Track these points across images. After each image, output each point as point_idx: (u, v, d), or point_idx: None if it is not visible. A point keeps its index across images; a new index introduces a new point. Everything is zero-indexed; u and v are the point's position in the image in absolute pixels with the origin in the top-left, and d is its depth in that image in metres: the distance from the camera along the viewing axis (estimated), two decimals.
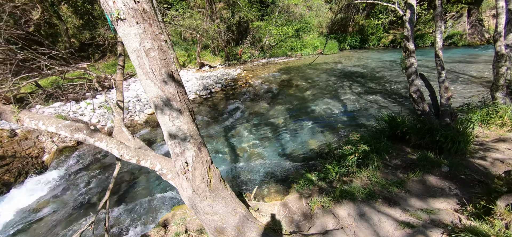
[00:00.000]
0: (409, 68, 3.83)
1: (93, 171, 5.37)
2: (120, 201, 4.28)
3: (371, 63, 13.72)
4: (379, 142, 3.92)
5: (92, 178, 5.07)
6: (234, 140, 6.31)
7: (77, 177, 5.19)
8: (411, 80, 3.82)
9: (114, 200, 4.28)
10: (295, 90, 9.80)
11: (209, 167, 1.95)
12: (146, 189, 4.61)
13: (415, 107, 3.86)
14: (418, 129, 3.76)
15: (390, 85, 9.24)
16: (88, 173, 5.31)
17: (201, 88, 10.60)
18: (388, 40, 20.72)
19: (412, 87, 3.81)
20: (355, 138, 3.84)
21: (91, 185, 4.84)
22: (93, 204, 4.30)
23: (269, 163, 5.06)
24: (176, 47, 19.25)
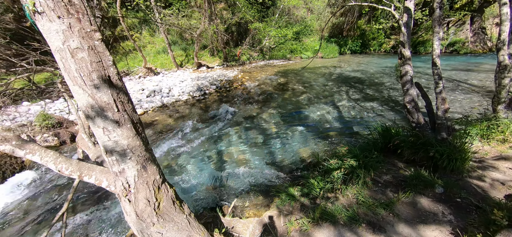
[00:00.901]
0: (404, 76, 3.55)
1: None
2: (85, 210, 3.99)
3: (371, 69, 13.44)
4: (368, 155, 3.64)
5: (68, 182, 4.80)
6: (222, 144, 6.04)
7: (52, 180, 4.92)
8: (406, 89, 3.53)
9: (79, 209, 4.00)
10: (291, 94, 9.53)
11: (158, 187, 1.67)
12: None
13: (409, 118, 3.57)
14: (411, 142, 3.47)
15: (388, 92, 8.94)
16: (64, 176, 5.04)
17: (195, 89, 10.35)
18: (389, 45, 20.46)
19: (406, 97, 3.53)
20: (343, 150, 3.55)
21: (63, 191, 4.57)
22: None
23: (255, 172, 4.77)
24: (175, 46, 19.05)
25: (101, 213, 3.92)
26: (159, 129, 7.04)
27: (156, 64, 16.07)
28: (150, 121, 7.65)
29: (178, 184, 4.57)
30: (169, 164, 5.33)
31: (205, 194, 4.21)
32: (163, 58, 16.92)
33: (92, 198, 4.30)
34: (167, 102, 9.15)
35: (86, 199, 4.28)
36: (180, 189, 4.43)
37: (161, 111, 8.46)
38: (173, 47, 18.87)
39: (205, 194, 4.21)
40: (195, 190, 4.38)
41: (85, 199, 4.27)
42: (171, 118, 7.82)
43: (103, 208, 4.03)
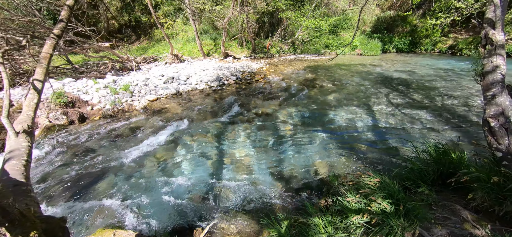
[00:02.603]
0: (489, 74, 2.22)
1: (71, 156, 4.80)
2: (56, 198, 3.51)
3: (420, 70, 11.27)
4: (412, 192, 2.42)
5: (65, 164, 4.47)
6: (226, 143, 5.22)
7: (50, 160, 4.65)
8: (491, 95, 2.20)
9: (50, 195, 3.54)
10: (317, 92, 8.25)
11: None
12: (97, 188, 3.79)
13: (491, 143, 2.25)
14: (492, 183, 2.16)
15: (442, 100, 7.10)
16: (64, 157, 4.75)
17: (214, 78, 9.71)
18: (446, 45, 17.34)
19: (490, 107, 2.20)
20: (371, 183, 2.38)
21: (59, 173, 4.22)
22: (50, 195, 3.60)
23: (253, 184, 3.84)
24: (205, 35, 18.83)
25: (72, 205, 3.41)
26: (165, 117, 6.51)
27: (184, 52, 15.96)
28: (160, 108, 7.20)
29: (163, 186, 3.87)
30: (163, 157, 4.69)
31: (186, 204, 3.42)
32: (191, 47, 16.77)
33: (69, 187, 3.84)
34: (182, 90, 8.67)
35: None
36: (163, 192, 3.72)
37: (174, 99, 7.98)
38: (203, 36, 18.67)
39: (185, 205, 3.42)
40: (178, 196, 3.63)
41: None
42: (182, 107, 7.26)
43: (77, 200, 3.51)
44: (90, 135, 5.67)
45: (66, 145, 5.25)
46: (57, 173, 4.26)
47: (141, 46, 18.40)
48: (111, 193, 3.76)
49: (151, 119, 6.51)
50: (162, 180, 4.02)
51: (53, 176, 4.17)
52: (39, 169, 4.36)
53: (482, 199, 2.10)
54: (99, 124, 6.26)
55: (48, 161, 4.63)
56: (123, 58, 12.19)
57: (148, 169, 4.39)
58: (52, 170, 4.36)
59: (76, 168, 4.38)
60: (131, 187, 3.88)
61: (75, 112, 6.48)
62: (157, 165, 4.52)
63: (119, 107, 7.18)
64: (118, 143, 5.31)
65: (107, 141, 5.42)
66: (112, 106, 7.09)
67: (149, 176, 4.17)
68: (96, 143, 5.32)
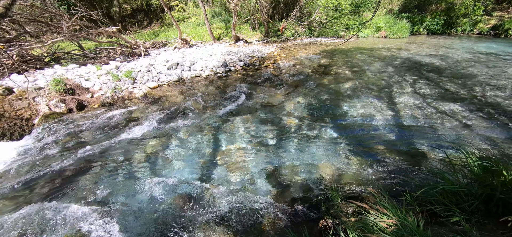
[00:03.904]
0: None
1: (60, 147, 4.58)
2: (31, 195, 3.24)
3: (455, 55, 9.78)
4: (442, 225, 1.75)
5: (51, 157, 4.26)
6: (224, 137, 4.71)
7: (38, 151, 4.46)
8: None
9: (28, 190, 3.27)
10: (331, 80, 7.37)
11: None
12: (77, 186, 3.49)
13: None
14: None
15: (483, 91, 5.95)
16: (53, 148, 4.54)
17: (220, 64, 9.13)
18: (488, 25, 15.11)
19: None
20: (384, 223, 1.69)
21: (43, 166, 4.00)
22: (36, 190, 3.38)
23: (245, 190, 3.31)
24: (217, 18, 18.10)
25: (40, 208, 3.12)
26: (164, 106, 6.12)
27: (194, 36, 15.44)
28: (160, 96, 6.82)
29: (147, 186, 3.47)
30: (154, 152, 4.31)
31: (167, 210, 2.99)
32: (202, 30, 16.17)
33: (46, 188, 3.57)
34: (186, 77, 8.22)
35: None
36: (146, 194, 3.33)
37: (176, 86, 7.56)
38: (215, 19, 17.95)
39: (166, 211, 2.99)
40: (160, 200, 3.21)
41: None
42: (183, 95, 6.82)
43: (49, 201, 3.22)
44: (84, 125, 5.44)
45: (58, 135, 5.04)
46: (41, 166, 4.04)
47: (153, 31, 18.15)
48: (90, 192, 3.45)
49: (149, 108, 6.16)
50: (147, 178, 3.63)
51: (37, 169, 3.95)
52: (25, 161, 4.17)
53: None
54: (96, 113, 6.03)
55: (35, 152, 4.43)
56: (131, 44, 11.96)
57: (135, 164, 4.02)
58: (37, 162, 4.15)
59: (62, 161, 4.13)
60: (112, 187, 3.53)
61: (73, 100, 6.29)
62: (146, 160, 4.14)
63: (119, 94, 6.90)
64: (110, 134, 5.01)
65: (100, 131, 5.14)
66: (111, 94, 6.83)
67: (135, 173, 3.80)
68: (89, 134, 5.06)
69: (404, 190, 2.64)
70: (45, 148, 4.60)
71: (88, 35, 10.47)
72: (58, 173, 3.87)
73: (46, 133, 5.16)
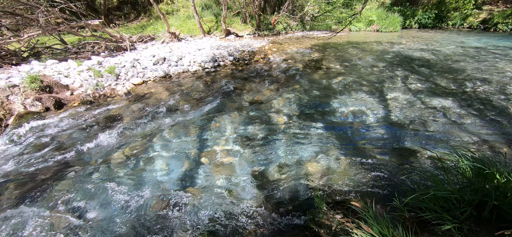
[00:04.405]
0: None
1: (34, 149, 4.28)
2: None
3: (446, 49, 9.77)
4: (433, 233, 1.61)
5: (24, 160, 3.95)
6: (209, 134, 4.50)
7: (9, 155, 4.14)
8: None
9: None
10: (322, 75, 7.21)
11: None
12: (49, 192, 3.23)
13: None
14: None
15: (474, 86, 5.91)
16: (26, 150, 4.23)
17: (208, 59, 8.83)
18: (479, 19, 15.21)
19: None
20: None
21: (13, 170, 3.70)
22: (5, 195, 3.09)
23: (229, 194, 3.13)
24: (207, 11, 17.61)
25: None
26: (148, 104, 5.84)
27: (183, 29, 14.97)
28: (144, 93, 6.52)
29: (124, 191, 3.25)
30: (134, 153, 4.06)
31: (143, 219, 2.78)
32: (191, 24, 15.70)
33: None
34: (173, 73, 7.90)
35: None
36: (122, 200, 3.11)
37: (162, 82, 7.25)
38: (205, 12, 17.46)
39: (142, 219, 2.78)
40: (137, 203, 3.00)
41: None
42: (168, 92, 6.54)
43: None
44: (62, 124, 5.12)
45: (33, 136, 4.72)
46: (12, 169, 3.74)
47: (140, 24, 17.52)
48: (63, 198, 3.20)
49: (132, 105, 5.86)
50: (126, 183, 3.40)
51: (7, 173, 3.66)
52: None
53: None
54: (76, 111, 5.70)
55: (8, 154, 4.12)
56: (116, 37, 11.46)
57: (114, 167, 3.78)
58: (8, 165, 3.85)
59: (35, 164, 3.85)
60: (87, 192, 3.29)
61: (50, 98, 5.92)
62: (126, 162, 3.90)
63: (100, 92, 6.56)
64: (89, 134, 4.72)
65: (78, 131, 4.84)
66: (92, 91, 6.48)
67: (113, 177, 3.56)
68: (66, 134, 4.76)
69: (394, 194, 2.51)
70: (18, 149, 4.29)
71: (70, 29, 9.94)
72: (30, 177, 3.60)
73: (20, 134, 4.82)
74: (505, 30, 13.56)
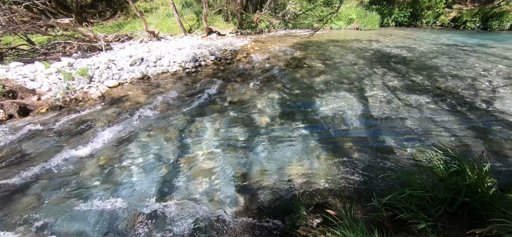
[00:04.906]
0: None
1: (2, 159, 3.90)
2: None
3: (421, 46, 10.22)
4: (410, 233, 1.61)
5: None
6: (190, 139, 4.33)
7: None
8: None
9: None
10: (304, 74, 7.24)
11: None
12: (12, 210, 2.94)
13: None
14: None
15: (446, 82, 6.20)
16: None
17: (189, 59, 8.57)
18: (449, 18, 16.07)
19: None
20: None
21: None
22: None
23: (210, 201, 3.02)
24: (188, 9, 17.14)
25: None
26: (124, 107, 5.54)
27: (163, 28, 14.46)
28: (120, 96, 6.18)
29: (95, 204, 3.03)
30: (109, 161, 3.82)
31: (118, 233, 2.60)
32: (171, 22, 15.21)
33: None
34: (151, 74, 7.58)
35: None
36: (92, 215, 2.89)
37: (140, 84, 6.92)
38: (186, 10, 16.99)
39: (117, 234, 2.60)
40: (112, 219, 2.81)
41: None
42: (146, 94, 6.25)
43: None
44: (27, 133, 4.71)
45: (6, 143, 4.30)
46: None
47: (117, 23, 16.69)
48: (27, 217, 2.92)
49: (107, 109, 5.54)
50: (99, 196, 3.17)
51: None
52: None
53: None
54: (43, 118, 5.28)
55: None
56: (90, 37, 10.81)
57: (86, 179, 3.52)
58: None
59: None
60: (55, 208, 3.03)
61: (13, 105, 5.44)
62: (99, 173, 3.65)
63: (71, 96, 6.13)
64: (58, 143, 4.38)
65: (46, 140, 4.48)
66: (62, 95, 6.04)
67: (84, 190, 3.31)
68: (31, 144, 4.38)
69: (374, 194, 2.53)
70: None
71: (37, 28, 9.23)
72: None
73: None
74: (473, 28, 14.45)
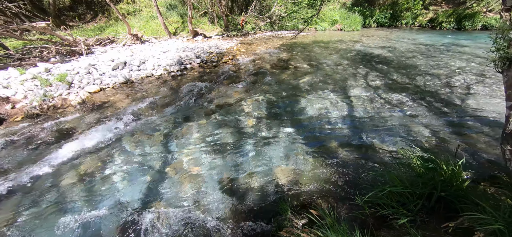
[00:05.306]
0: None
1: None
2: None
3: (401, 46, 10.64)
4: (392, 228, 1.67)
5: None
6: (175, 145, 4.25)
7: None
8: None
9: None
10: (290, 75, 7.33)
11: None
12: None
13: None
14: (509, 222, 1.43)
15: (424, 80, 6.49)
16: None
17: (174, 62, 8.43)
18: (426, 18, 16.83)
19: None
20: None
21: None
22: None
23: (197, 207, 2.98)
24: (173, 11, 16.87)
25: None
26: (106, 114, 5.36)
27: (147, 31, 14.15)
28: (102, 102, 5.98)
29: (75, 218, 2.90)
30: (90, 170, 3.67)
31: None
32: (156, 24, 14.90)
33: None
34: (135, 78, 7.39)
35: None
36: (77, 223, 2.77)
37: (123, 89, 6.73)
38: (170, 12, 16.72)
39: None
40: (94, 233, 2.70)
41: None
42: (130, 99, 6.08)
43: None
44: (0, 143, 4.45)
45: None
46: None
47: (98, 26, 16.15)
48: (1, 234, 2.75)
49: (87, 116, 5.34)
50: (80, 208, 3.04)
51: None
52: None
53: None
54: (18, 127, 5.00)
55: None
56: (69, 41, 10.38)
57: (66, 191, 3.36)
58: None
59: None
60: (32, 225, 2.87)
61: None
62: (80, 184, 3.50)
63: (49, 103, 5.85)
64: (35, 153, 4.16)
65: (21, 151, 4.24)
66: (39, 103, 5.76)
67: (64, 203, 3.16)
68: (5, 154, 4.14)
69: (357, 191, 2.60)
70: None
71: (9, 32, 8.75)
72: None
73: None
74: (448, 28, 15.23)
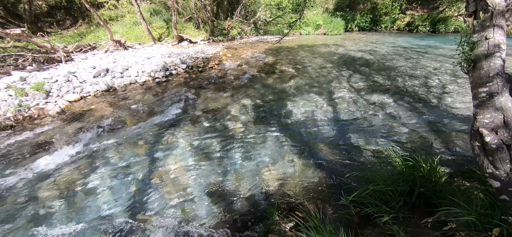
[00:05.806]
0: (484, 59, 1.48)
1: None
2: None
3: (381, 49, 11.08)
4: (375, 226, 1.72)
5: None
6: (161, 153, 4.15)
7: None
8: (485, 93, 1.49)
9: None
10: (276, 79, 7.42)
11: None
12: None
13: (484, 166, 1.58)
14: (480, 213, 1.51)
15: (404, 81, 6.79)
16: None
17: (159, 68, 8.28)
18: (404, 22, 17.69)
19: (485, 113, 1.49)
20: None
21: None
22: None
23: (184, 213, 2.92)
24: (157, 17, 16.60)
25: None
26: (87, 123, 5.15)
27: (130, 37, 13.81)
28: (83, 110, 5.74)
29: (59, 231, 2.74)
30: (70, 183, 3.50)
31: None
32: (139, 30, 14.59)
33: None
34: (118, 85, 7.17)
35: None
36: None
37: (105, 96, 6.50)
38: (155, 17, 16.45)
39: None
40: None
41: None
42: (113, 107, 5.89)
43: None
44: None
45: None
46: None
47: (78, 32, 15.57)
48: None
49: (67, 126, 5.10)
50: (58, 223, 2.88)
51: None
52: None
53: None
54: None
55: None
56: (46, 48, 9.92)
57: (44, 207, 3.17)
58: None
59: None
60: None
61: None
62: (59, 198, 3.32)
63: (25, 113, 5.55)
64: (8, 166, 3.92)
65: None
66: (14, 113, 5.44)
67: (42, 219, 2.98)
68: None
69: (343, 191, 2.66)
70: None
71: None
72: None
73: None
74: (424, 31, 16.09)
